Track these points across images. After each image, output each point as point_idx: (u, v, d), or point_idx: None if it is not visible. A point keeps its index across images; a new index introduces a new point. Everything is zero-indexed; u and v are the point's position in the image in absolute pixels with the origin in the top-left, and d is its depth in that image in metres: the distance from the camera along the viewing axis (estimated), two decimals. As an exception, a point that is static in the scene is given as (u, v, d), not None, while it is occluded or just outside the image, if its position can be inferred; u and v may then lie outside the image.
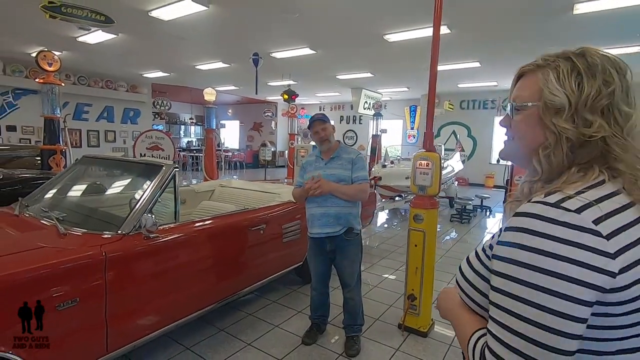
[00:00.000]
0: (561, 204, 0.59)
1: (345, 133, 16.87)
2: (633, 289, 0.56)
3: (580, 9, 4.78)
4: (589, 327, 0.58)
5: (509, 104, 0.76)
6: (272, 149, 16.10)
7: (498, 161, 12.30)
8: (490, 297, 0.64)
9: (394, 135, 15.20)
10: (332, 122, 2.65)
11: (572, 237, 0.55)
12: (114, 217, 2.21)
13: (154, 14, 5.45)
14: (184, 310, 2.37)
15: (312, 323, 2.80)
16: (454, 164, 9.21)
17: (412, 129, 14.84)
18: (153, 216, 2.03)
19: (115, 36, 6.74)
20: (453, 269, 4.37)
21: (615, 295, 0.56)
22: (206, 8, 5.15)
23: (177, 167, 2.37)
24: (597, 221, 0.56)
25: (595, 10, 4.78)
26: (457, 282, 0.79)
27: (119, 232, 2.00)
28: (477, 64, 8.21)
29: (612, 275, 0.55)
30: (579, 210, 0.57)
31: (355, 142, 16.52)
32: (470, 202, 7.39)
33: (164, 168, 2.33)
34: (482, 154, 13.06)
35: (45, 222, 2.14)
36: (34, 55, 8.04)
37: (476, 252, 0.77)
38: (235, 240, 2.75)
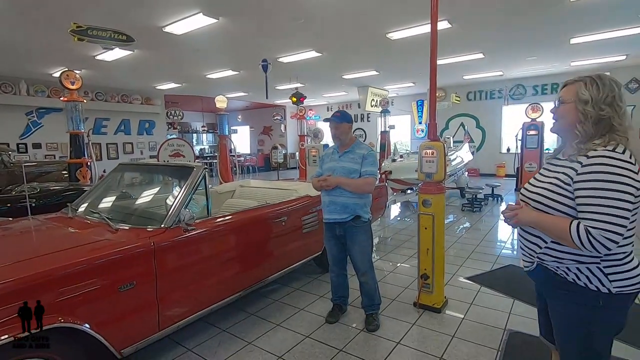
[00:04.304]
0: (614, 150, 1.22)
1: (354, 131, 17.04)
2: None
3: (575, -4, 4.92)
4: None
5: (557, 100, 1.39)
6: (283, 152, 16.43)
7: (508, 150, 12.37)
8: (582, 202, 1.23)
9: (402, 131, 15.35)
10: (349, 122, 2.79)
11: (625, 165, 1.19)
12: (156, 213, 2.50)
13: (167, 29, 5.79)
14: (219, 295, 2.65)
15: (334, 304, 3.05)
16: (463, 155, 9.31)
17: (420, 123, 14.94)
18: (190, 211, 2.32)
19: (131, 52, 7.12)
20: (465, 254, 4.57)
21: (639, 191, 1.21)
22: (216, 20, 5.48)
23: (206, 168, 2.65)
24: (629, 157, 1.21)
25: (591, -4, 4.92)
26: (533, 204, 1.38)
27: (162, 225, 2.28)
28: (480, 55, 8.33)
29: (639, 181, 1.20)
30: (622, 152, 1.22)
31: (365, 139, 16.66)
32: (480, 191, 7.53)
33: (195, 169, 2.61)
34: (491, 144, 13.07)
35: (96, 222, 2.45)
36: (55, 75, 8.58)
37: (545, 184, 1.38)
38: (261, 231, 3.02)
